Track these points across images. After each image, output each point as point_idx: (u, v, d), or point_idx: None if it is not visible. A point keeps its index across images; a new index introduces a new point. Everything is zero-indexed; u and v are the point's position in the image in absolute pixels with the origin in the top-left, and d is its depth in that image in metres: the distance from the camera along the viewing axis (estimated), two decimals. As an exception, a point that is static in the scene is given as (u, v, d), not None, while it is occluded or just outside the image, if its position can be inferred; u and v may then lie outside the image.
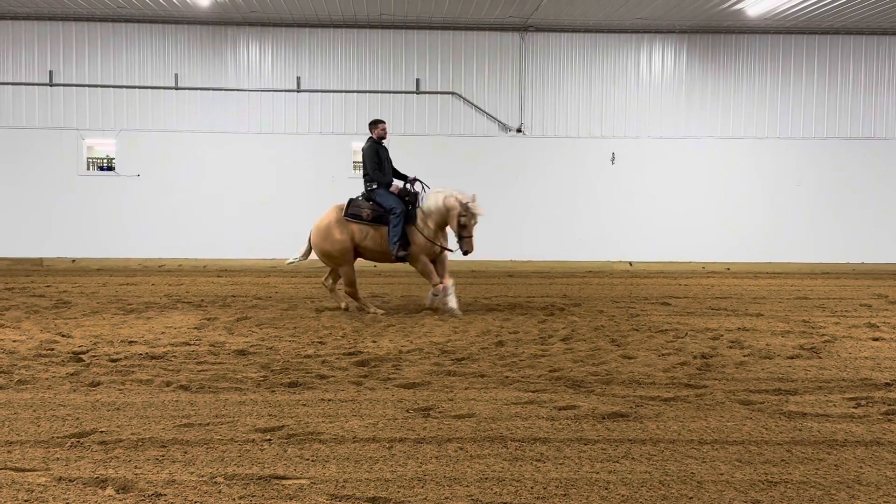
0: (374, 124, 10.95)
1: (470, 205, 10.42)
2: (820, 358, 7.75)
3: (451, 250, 10.76)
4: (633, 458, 4.78)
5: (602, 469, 4.60)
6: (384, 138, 10.93)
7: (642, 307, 11.33)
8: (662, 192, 17.70)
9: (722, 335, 8.95)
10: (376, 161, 10.70)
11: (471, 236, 10.49)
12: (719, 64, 17.77)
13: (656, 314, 10.63)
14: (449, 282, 10.58)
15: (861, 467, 4.69)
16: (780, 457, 4.84)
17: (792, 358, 7.72)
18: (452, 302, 10.44)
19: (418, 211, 10.62)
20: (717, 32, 17.64)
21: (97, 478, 4.37)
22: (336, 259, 10.64)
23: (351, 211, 10.65)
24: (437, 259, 10.79)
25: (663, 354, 7.83)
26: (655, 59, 17.74)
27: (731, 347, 8.24)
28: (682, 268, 17.30)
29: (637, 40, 17.66)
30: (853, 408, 5.94)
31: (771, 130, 17.82)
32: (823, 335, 9.02)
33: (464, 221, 10.42)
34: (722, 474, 4.54)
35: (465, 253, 10.51)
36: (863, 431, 5.36)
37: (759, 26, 17.20)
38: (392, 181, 10.81)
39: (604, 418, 5.59)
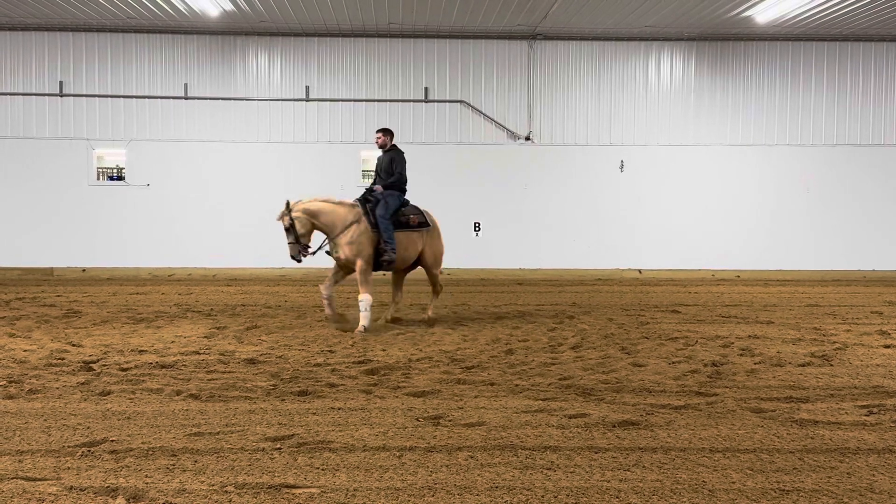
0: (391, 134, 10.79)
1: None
2: (831, 365, 7.72)
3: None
4: (644, 467, 4.77)
5: (613, 477, 4.59)
6: (384, 147, 10.65)
7: (652, 315, 11.31)
8: (671, 199, 17.68)
9: (732, 343, 8.92)
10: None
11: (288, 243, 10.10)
12: (728, 71, 17.76)
13: (666, 322, 10.61)
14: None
15: (874, 475, 4.66)
16: (792, 465, 4.82)
17: (803, 366, 7.69)
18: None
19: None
20: (726, 39, 17.63)
21: (108, 487, 4.38)
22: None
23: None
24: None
25: (673, 362, 7.80)
26: (664, 67, 17.74)
27: (741, 355, 8.21)
28: (692, 275, 17.27)
29: (646, 48, 17.66)
30: (865, 415, 5.91)
31: (780, 137, 17.79)
32: (834, 343, 8.98)
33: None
34: (734, 482, 4.52)
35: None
36: (875, 439, 5.33)
37: (767, 33, 17.18)
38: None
39: (614, 426, 5.57)
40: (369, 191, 10.44)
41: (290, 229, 9.89)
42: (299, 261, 9.98)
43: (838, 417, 5.85)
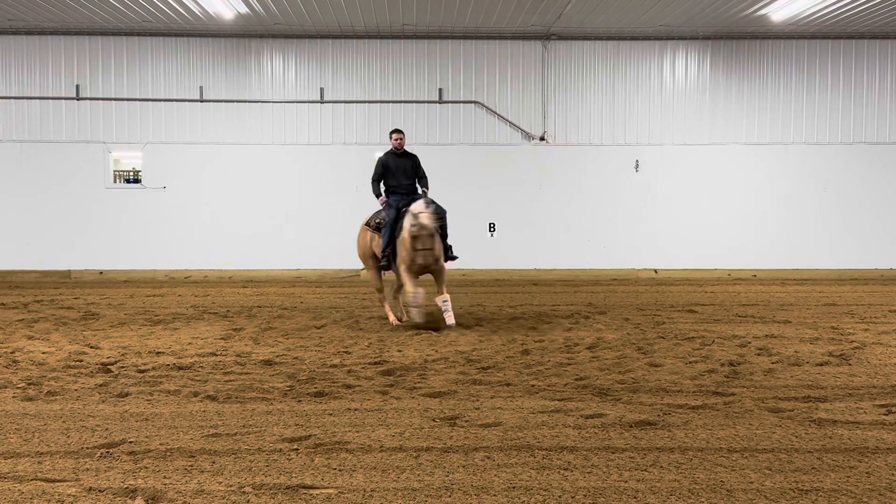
0: (389, 135, 11.01)
1: (419, 214, 9.72)
2: (849, 365, 7.67)
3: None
4: (661, 467, 4.75)
5: (630, 478, 4.57)
6: (399, 148, 10.82)
7: (668, 315, 11.27)
8: (687, 199, 17.62)
9: (749, 342, 8.88)
10: (377, 172, 10.85)
11: (425, 249, 9.76)
12: (743, 70, 17.67)
13: (683, 322, 10.57)
14: (441, 297, 10.17)
15: (893, 474, 4.63)
16: (811, 465, 4.79)
17: (821, 365, 7.64)
18: (416, 315, 9.99)
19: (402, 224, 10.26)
20: (741, 38, 17.55)
21: (126, 488, 4.40)
22: (364, 262, 11.07)
23: (370, 220, 10.93)
24: (434, 272, 10.30)
25: (690, 362, 7.77)
26: (679, 66, 17.68)
27: (759, 354, 8.17)
28: (708, 275, 17.20)
29: (660, 47, 17.61)
30: (884, 415, 5.87)
31: (797, 136, 17.69)
32: (853, 342, 8.92)
33: (413, 232, 9.73)
34: (752, 482, 4.49)
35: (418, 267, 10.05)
36: (894, 438, 5.29)
37: (783, 31, 17.09)
38: (379, 192, 10.80)
39: (631, 426, 5.55)
40: (422, 193, 10.63)
41: (433, 236, 9.78)
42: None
43: (857, 417, 5.81)
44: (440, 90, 17.52)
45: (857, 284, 15.57)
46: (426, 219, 9.66)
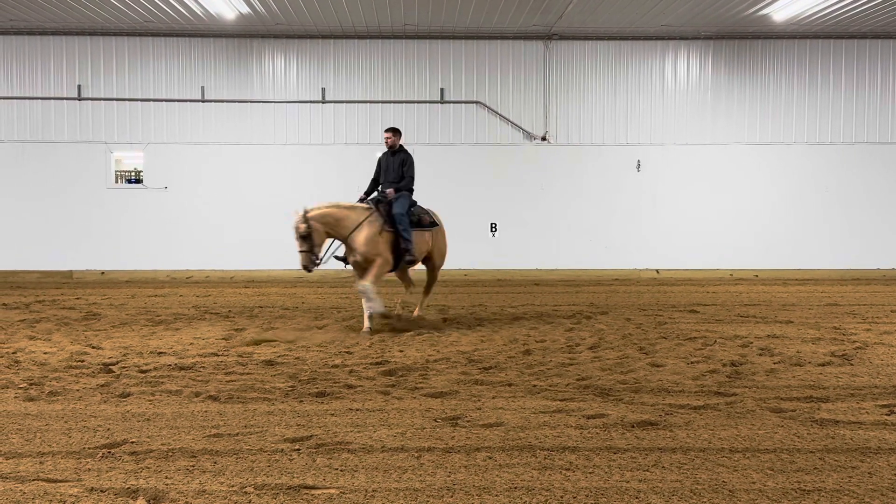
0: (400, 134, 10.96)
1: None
2: (852, 365, 7.66)
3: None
4: (663, 467, 4.74)
5: (632, 478, 4.57)
6: (393, 147, 10.68)
7: (670, 315, 11.26)
8: (689, 198, 17.61)
9: (751, 342, 8.87)
10: (375, 171, 10.95)
11: (300, 251, 9.63)
12: (745, 69, 17.66)
13: (684, 322, 10.56)
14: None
15: (895, 475, 4.62)
16: (813, 465, 4.78)
17: (823, 365, 7.63)
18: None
19: None
20: (743, 38, 17.54)
21: (128, 488, 4.39)
22: None
23: None
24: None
25: (692, 362, 7.76)
26: (680, 66, 17.67)
27: (760, 355, 8.16)
28: (710, 275, 17.19)
29: (662, 47, 17.60)
30: (886, 415, 5.86)
31: (798, 136, 17.68)
32: (855, 342, 8.92)
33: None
34: (754, 483, 4.49)
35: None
36: (897, 439, 5.30)
37: (785, 31, 17.08)
38: (369, 192, 10.85)
39: (633, 427, 5.54)
40: (381, 193, 10.49)
41: (306, 237, 9.55)
42: (310, 270, 9.74)
43: (859, 417, 5.80)
44: (441, 90, 17.52)
45: (859, 284, 15.57)
46: (295, 219, 9.62)
